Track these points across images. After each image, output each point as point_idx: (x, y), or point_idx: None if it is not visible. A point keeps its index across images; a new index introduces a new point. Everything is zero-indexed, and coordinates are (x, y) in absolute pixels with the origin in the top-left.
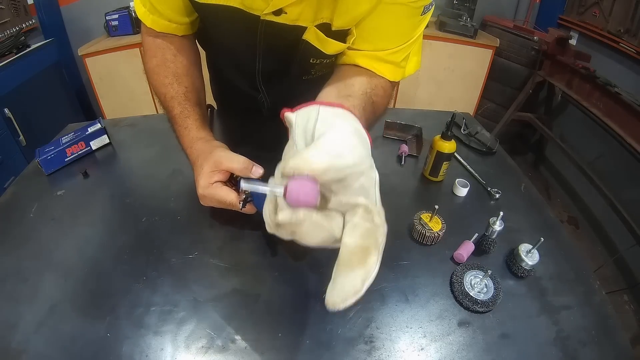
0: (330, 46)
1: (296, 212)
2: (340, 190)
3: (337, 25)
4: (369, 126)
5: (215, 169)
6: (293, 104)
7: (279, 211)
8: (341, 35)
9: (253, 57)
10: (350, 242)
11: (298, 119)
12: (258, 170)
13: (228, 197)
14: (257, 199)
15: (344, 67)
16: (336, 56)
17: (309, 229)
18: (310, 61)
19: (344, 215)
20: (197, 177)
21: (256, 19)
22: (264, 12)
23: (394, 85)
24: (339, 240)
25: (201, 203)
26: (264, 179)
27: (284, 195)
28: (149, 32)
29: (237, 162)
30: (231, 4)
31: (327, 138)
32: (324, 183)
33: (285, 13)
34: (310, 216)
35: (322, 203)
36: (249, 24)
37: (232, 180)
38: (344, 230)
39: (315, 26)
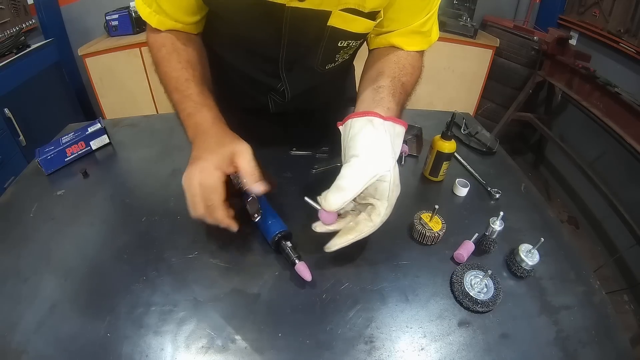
0: (358, 25)
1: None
2: (358, 199)
3: (370, 6)
4: (402, 104)
5: (229, 156)
6: (314, 94)
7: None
8: (371, 15)
9: (277, 47)
10: (350, 224)
11: (342, 130)
12: (259, 188)
13: (216, 193)
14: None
15: (374, 53)
16: (363, 39)
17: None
18: (339, 44)
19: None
20: (203, 151)
21: (281, 8)
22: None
23: (423, 54)
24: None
25: (185, 177)
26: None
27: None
28: (154, 31)
29: (250, 166)
30: None
31: (339, 180)
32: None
33: None
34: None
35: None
36: (273, 14)
37: (231, 182)
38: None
39: (340, 10)
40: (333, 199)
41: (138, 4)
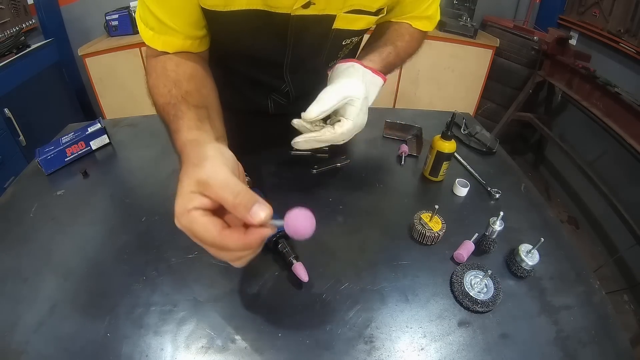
0: (362, 22)
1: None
2: (330, 120)
3: (377, 5)
4: (390, 61)
5: (197, 190)
6: (318, 91)
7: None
8: (376, 12)
9: (282, 53)
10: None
11: (329, 73)
12: (260, 213)
13: (207, 232)
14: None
15: (381, 24)
16: (366, 32)
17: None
18: (343, 43)
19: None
20: (176, 197)
21: (286, 17)
22: (294, 8)
23: (425, 34)
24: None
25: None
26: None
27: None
28: (151, 57)
29: (231, 192)
30: (256, 7)
31: (319, 95)
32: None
33: (314, 4)
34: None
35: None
36: (278, 23)
37: None
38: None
39: (344, 13)
40: (314, 107)
41: (141, 28)
